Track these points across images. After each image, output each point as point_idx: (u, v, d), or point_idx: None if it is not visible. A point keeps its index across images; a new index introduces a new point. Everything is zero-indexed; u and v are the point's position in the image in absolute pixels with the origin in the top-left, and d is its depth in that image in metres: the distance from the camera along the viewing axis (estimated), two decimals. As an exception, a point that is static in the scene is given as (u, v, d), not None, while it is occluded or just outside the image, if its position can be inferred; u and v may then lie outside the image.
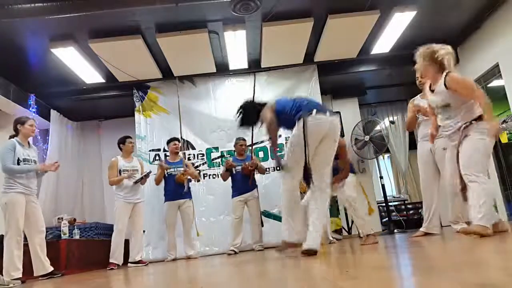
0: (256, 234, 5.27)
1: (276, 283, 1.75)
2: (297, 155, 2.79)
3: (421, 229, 3.94)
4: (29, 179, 3.97)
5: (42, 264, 3.95)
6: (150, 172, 5.26)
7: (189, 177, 5.34)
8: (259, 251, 5.08)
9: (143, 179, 5.10)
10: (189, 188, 5.35)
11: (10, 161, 3.84)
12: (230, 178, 5.45)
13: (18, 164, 3.90)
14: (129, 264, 4.96)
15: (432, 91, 2.98)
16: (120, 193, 4.94)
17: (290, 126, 2.91)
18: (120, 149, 5.17)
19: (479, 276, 1.26)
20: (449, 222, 3.79)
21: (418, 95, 4.05)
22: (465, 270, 1.41)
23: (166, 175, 5.32)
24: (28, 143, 4.16)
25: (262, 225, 5.33)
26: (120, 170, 4.99)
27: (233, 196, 5.36)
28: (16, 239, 3.76)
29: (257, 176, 6.04)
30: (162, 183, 5.40)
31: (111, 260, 4.77)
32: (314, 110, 2.78)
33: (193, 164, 5.85)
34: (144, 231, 5.42)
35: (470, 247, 2.41)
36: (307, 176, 2.79)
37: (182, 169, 5.29)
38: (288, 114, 2.89)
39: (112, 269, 4.67)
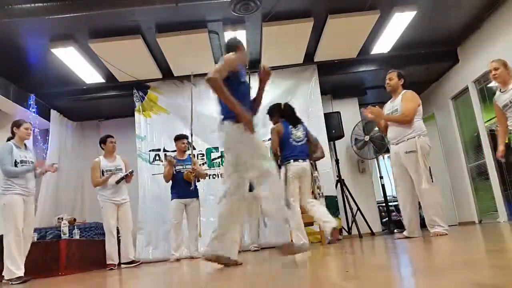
0: (253, 234, 5.25)
1: (276, 283, 1.75)
2: None
3: (404, 232, 3.97)
4: (27, 180, 3.98)
5: (17, 267, 3.79)
6: (132, 171, 5.10)
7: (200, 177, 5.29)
8: (254, 251, 5.06)
9: (126, 178, 4.97)
10: (195, 186, 5.25)
11: (9, 163, 3.88)
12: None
13: (16, 166, 3.92)
14: (122, 265, 4.93)
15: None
16: (104, 193, 4.86)
17: None
18: (102, 148, 5.07)
19: (478, 276, 1.26)
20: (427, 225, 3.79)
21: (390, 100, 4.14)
22: (464, 270, 1.41)
23: (174, 173, 5.21)
24: (25, 145, 4.17)
25: (266, 225, 5.30)
26: (102, 171, 4.90)
27: None
28: (16, 239, 3.77)
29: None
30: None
31: (108, 262, 4.76)
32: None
33: (200, 164, 5.85)
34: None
35: (469, 247, 2.42)
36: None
37: (190, 166, 5.21)
38: None
39: (112, 269, 4.67)
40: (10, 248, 3.74)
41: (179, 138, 5.42)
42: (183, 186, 5.19)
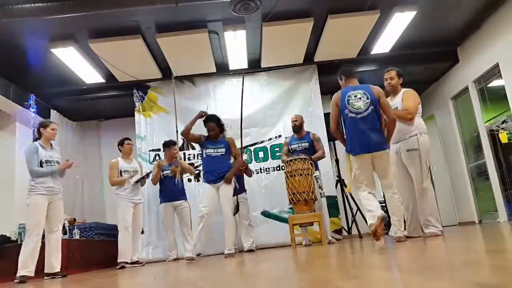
0: (245, 235, 5.24)
1: (276, 283, 1.75)
2: None
3: (403, 232, 3.94)
4: (52, 180, 4.07)
5: (51, 263, 4.01)
6: (150, 172, 5.29)
7: (184, 173, 5.31)
8: (249, 251, 5.06)
9: (143, 179, 5.15)
10: (182, 186, 5.28)
11: (35, 164, 3.97)
12: None
13: (41, 166, 4.00)
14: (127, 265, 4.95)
15: None
16: (122, 193, 4.97)
17: None
18: (120, 150, 5.22)
19: (478, 276, 1.26)
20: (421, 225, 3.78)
21: (389, 97, 4.05)
22: (464, 270, 1.41)
23: (162, 177, 5.30)
24: (51, 145, 4.25)
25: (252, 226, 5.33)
26: (120, 171, 5.02)
27: None
28: (35, 240, 3.85)
29: (257, 176, 6.03)
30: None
31: (119, 260, 4.74)
32: None
33: (192, 164, 5.87)
34: (143, 232, 5.43)
35: (469, 247, 2.42)
36: None
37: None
38: None
39: (123, 267, 4.68)
40: (26, 248, 3.83)
41: (169, 145, 5.42)
42: (170, 189, 5.24)
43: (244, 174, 5.34)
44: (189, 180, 5.97)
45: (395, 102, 3.89)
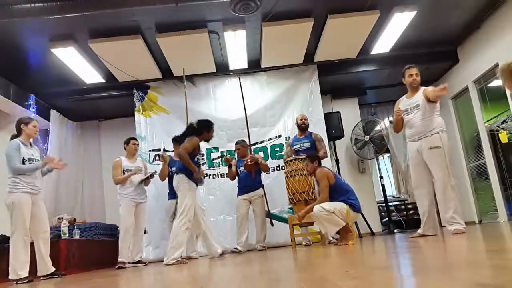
0: (259, 234, 5.25)
1: (276, 283, 1.75)
2: None
3: (418, 230, 3.94)
4: (35, 178, 3.97)
5: (45, 264, 3.96)
6: (155, 172, 5.27)
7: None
8: (260, 250, 5.07)
9: (147, 180, 5.14)
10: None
11: (17, 161, 3.85)
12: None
13: (24, 163, 3.89)
14: (128, 264, 4.96)
15: None
16: (124, 192, 4.95)
17: None
18: (125, 149, 5.22)
19: (478, 276, 1.26)
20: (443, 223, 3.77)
21: (404, 96, 4.04)
22: (464, 270, 1.41)
23: (170, 173, 5.28)
24: (30, 143, 4.14)
25: (272, 225, 5.34)
26: (124, 170, 5.02)
27: (238, 194, 5.40)
28: (23, 239, 3.78)
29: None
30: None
31: (120, 259, 4.75)
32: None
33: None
34: (145, 232, 5.41)
35: (469, 247, 2.42)
36: None
37: None
38: None
39: (120, 267, 4.67)
40: (17, 248, 3.73)
41: (178, 140, 5.40)
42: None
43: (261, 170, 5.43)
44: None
45: (415, 100, 3.85)
